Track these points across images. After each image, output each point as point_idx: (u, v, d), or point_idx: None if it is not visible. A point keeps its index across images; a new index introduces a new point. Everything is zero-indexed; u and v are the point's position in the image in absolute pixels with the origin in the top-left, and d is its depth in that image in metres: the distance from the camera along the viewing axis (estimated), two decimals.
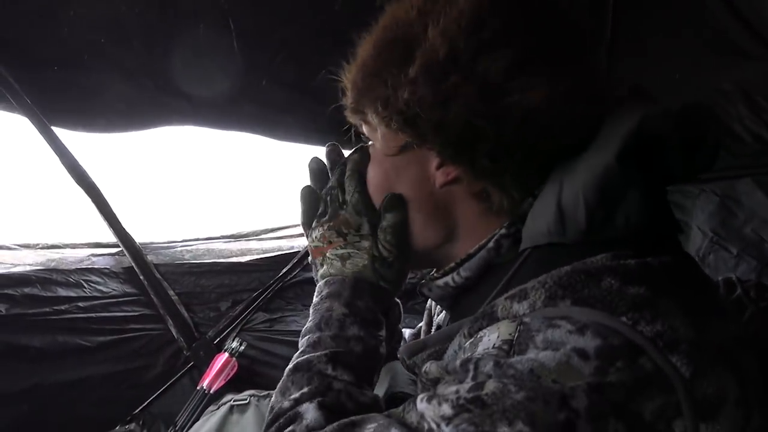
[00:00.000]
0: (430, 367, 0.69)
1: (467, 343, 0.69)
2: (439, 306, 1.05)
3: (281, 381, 0.83)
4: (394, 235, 0.86)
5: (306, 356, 0.84)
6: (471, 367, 0.61)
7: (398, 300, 1.09)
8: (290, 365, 0.84)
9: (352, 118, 0.88)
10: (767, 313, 0.98)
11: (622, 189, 0.67)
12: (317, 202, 0.96)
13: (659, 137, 0.66)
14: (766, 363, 0.65)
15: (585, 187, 0.67)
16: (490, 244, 0.79)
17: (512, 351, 0.60)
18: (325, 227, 0.92)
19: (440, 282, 0.86)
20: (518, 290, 0.68)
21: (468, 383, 0.59)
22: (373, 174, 0.90)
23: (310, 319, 0.90)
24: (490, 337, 0.64)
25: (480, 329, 0.69)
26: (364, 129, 0.88)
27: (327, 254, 0.92)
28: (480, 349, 0.64)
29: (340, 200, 0.92)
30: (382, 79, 0.77)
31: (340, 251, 0.91)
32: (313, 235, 0.94)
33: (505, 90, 0.70)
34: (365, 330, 0.87)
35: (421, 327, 1.15)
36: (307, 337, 0.87)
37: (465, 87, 0.71)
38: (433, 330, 1.06)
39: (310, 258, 0.98)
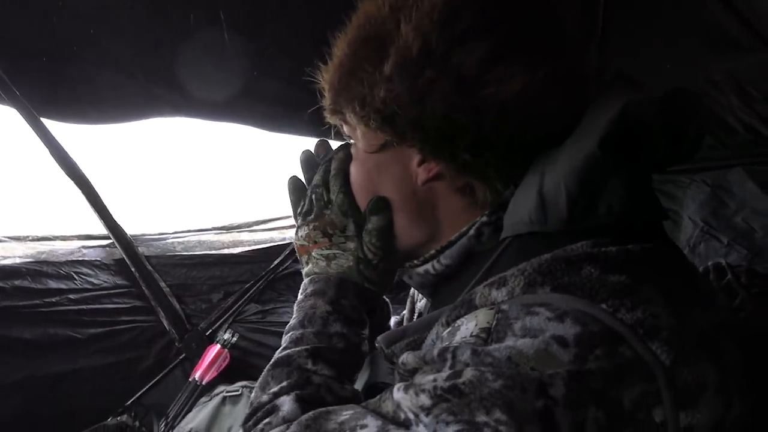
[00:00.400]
0: (408, 358, 0.68)
1: (445, 332, 0.68)
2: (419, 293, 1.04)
3: (261, 376, 0.83)
4: (379, 238, 0.86)
5: (287, 351, 0.84)
6: (449, 356, 0.60)
7: (386, 298, 1.09)
8: (271, 361, 0.84)
9: (331, 119, 0.87)
10: (758, 298, 0.99)
11: (605, 177, 0.66)
12: (304, 193, 0.96)
13: (643, 123, 0.66)
14: (753, 349, 0.65)
15: (566, 175, 0.66)
16: (471, 232, 0.78)
17: (490, 339, 0.60)
18: (311, 227, 0.92)
19: (420, 270, 0.85)
20: (497, 278, 0.68)
21: (445, 372, 0.59)
22: (355, 173, 0.89)
23: (294, 316, 0.90)
24: (468, 326, 0.64)
25: (458, 317, 0.68)
26: (345, 129, 0.87)
27: (312, 253, 0.92)
28: (458, 337, 0.63)
29: (325, 199, 0.91)
30: (358, 78, 0.77)
31: (326, 251, 0.90)
32: (299, 234, 0.94)
33: (482, 82, 0.69)
34: (348, 328, 0.87)
35: (404, 315, 1.15)
36: (290, 333, 0.87)
37: (440, 81, 0.70)
38: (415, 317, 1.06)
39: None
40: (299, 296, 0.92)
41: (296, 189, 0.98)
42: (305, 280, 0.94)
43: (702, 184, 2.09)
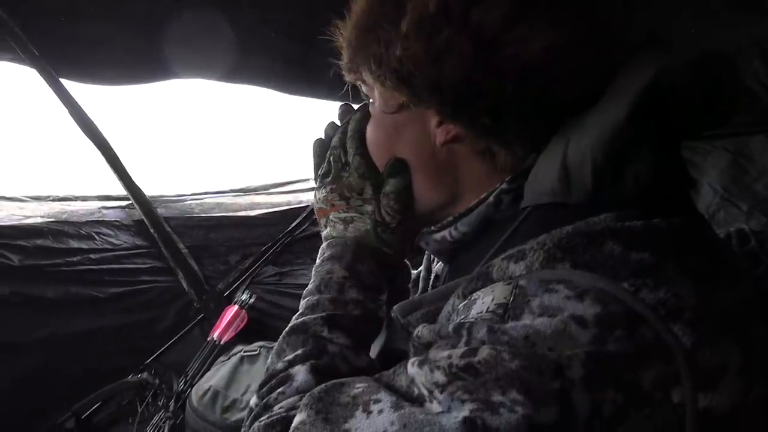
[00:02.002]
0: (422, 331, 0.65)
1: (461, 305, 0.66)
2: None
3: (277, 342, 0.82)
4: (397, 200, 0.84)
5: (303, 318, 0.82)
6: (464, 332, 0.59)
7: (407, 261, 1.07)
8: (288, 327, 0.83)
9: (348, 78, 0.83)
10: None
11: (632, 148, 0.63)
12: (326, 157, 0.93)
13: (675, 91, 0.62)
14: None
15: (593, 145, 0.63)
16: (490, 199, 0.75)
17: (506, 316, 0.58)
18: (328, 189, 0.90)
19: (437, 236, 0.82)
20: (516, 250, 0.65)
21: (461, 348, 0.57)
22: (372, 133, 0.86)
23: (311, 281, 0.88)
24: (484, 300, 0.62)
25: (474, 290, 0.66)
26: (363, 88, 0.83)
27: (330, 216, 0.91)
28: (473, 312, 0.62)
29: (343, 161, 0.89)
30: (374, 35, 0.73)
31: (343, 215, 0.89)
32: (317, 196, 0.92)
33: (503, 42, 0.65)
34: (365, 294, 0.85)
35: (420, 272, 1.13)
36: (306, 299, 0.86)
37: (459, 41, 0.66)
38: (431, 279, 1.04)
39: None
40: (317, 260, 0.91)
41: (319, 151, 0.95)
42: (323, 244, 0.92)
43: (723, 151, 2.06)
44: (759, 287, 0.68)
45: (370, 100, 0.85)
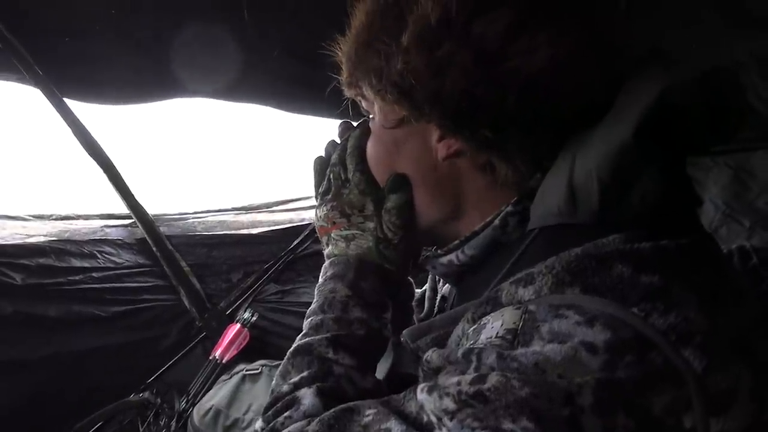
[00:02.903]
0: (432, 356, 0.64)
1: (470, 329, 0.65)
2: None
3: (282, 364, 0.81)
4: (398, 216, 0.83)
5: (307, 339, 0.81)
6: (473, 357, 0.58)
7: (411, 279, 1.06)
8: (292, 348, 0.82)
9: (348, 93, 0.83)
10: None
11: (639, 166, 0.62)
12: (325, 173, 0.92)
13: (682, 108, 0.62)
14: None
15: (599, 164, 0.63)
16: (496, 222, 0.74)
17: (516, 342, 0.57)
18: (329, 206, 0.88)
19: (444, 260, 0.82)
20: (524, 274, 0.64)
21: (470, 375, 0.56)
22: (372, 149, 0.86)
23: (314, 300, 0.87)
24: (494, 325, 0.61)
25: (484, 315, 0.65)
26: (363, 103, 0.83)
27: (332, 234, 0.89)
28: (483, 337, 0.61)
29: (343, 178, 0.88)
30: (374, 49, 0.72)
31: (344, 232, 0.88)
32: (319, 214, 0.91)
33: (505, 54, 0.65)
34: (369, 312, 0.84)
35: (425, 291, 1.12)
36: (310, 319, 0.84)
37: (460, 54, 0.66)
38: (438, 299, 1.03)
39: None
40: (320, 279, 0.89)
41: (320, 169, 0.94)
42: (326, 263, 0.91)
43: (724, 167, 2.06)
44: (762, 305, 0.67)
45: (370, 116, 0.85)
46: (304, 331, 0.84)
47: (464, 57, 0.66)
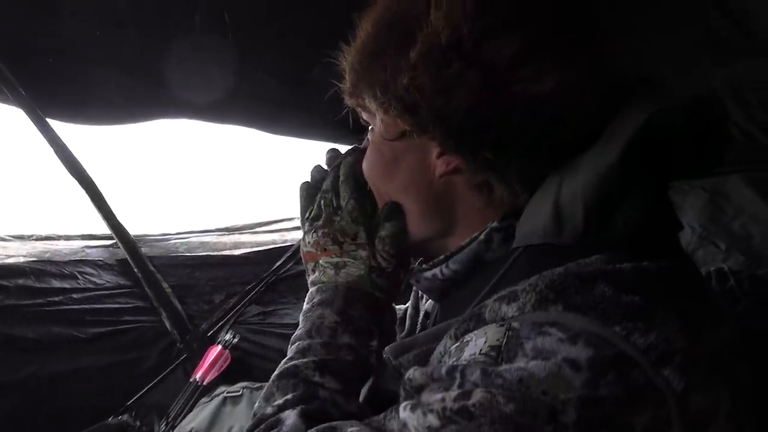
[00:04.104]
0: (414, 374, 0.64)
1: (453, 346, 0.66)
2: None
3: (266, 386, 0.81)
4: (393, 245, 0.84)
5: (293, 362, 0.81)
6: (457, 374, 0.58)
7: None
8: (277, 371, 0.82)
9: (349, 102, 0.83)
10: (760, 306, 0.97)
11: (624, 191, 0.64)
12: (314, 199, 0.93)
13: (667, 135, 0.64)
14: (761, 365, 0.64)
15: (585, 187, 0.64)
16: (481, 237, 0.76)
17: (500, 358, 0.58)
18: (320, 233, 0.88)
19: (428, 274, 0.83)
20: (508, 292, 0.66)
21: (454, 391, 0.57)
22: (370, 159, 0.86)
23: (300, 326, 0.87)
24: (477, 342, 0.61)
25: (467, 332, 0.66)
26: (363, 114, 0.84)
27: (320, 261, 0.89)
28: (466, 354, 0.61)
29: (335, 205, 0.89)
30: (380, 62, 0.73)
31: (335, 260, 0.87)
32: (307, 240, 0.91)
33: (512, 78, 0.66)
34: (357, 339, 0.84)
35: (407, 308, 1.12)
36: (297, 343, 0.84)
37: (468, 75, 0.66)
38: (420, 317, 1.04)
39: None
40: (305, 306, 0.89)
41: (306, 195, 0.95)
42: (312, 289, 0.91)
43: (700, 190, 2.10)
44: (740, 326, 0.69)
45: (370, 127, 0.85)
46: (289, 355, 0.83)
47: (472, 78, 0.67)
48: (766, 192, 1.98)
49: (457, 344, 0.66)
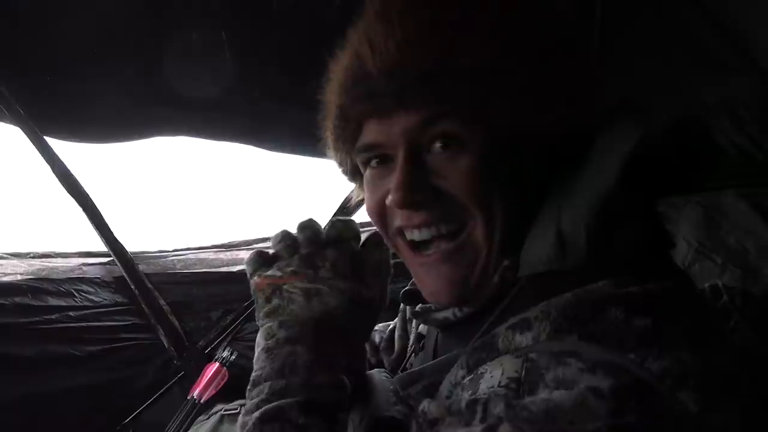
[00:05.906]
0: (430, 407, 0.62)
1: (467, 379, 0.65)
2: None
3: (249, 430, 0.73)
4: (377, 274, 0.84)
5: (276, 404, 0.74)
6: (479, 408, 0.57)
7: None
8: (256, 413, 0.74)
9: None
10: (752, 322, 0.98)
11: (624, 213, 0.65)
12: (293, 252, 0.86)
13: (658, 156, 0.65)
14: (759, 381, 0.64)
15: (585, 212, 0.65)
16: (495, 279, 0.75)
17: (521, 390, 0.57)
18: (294, 258, 0.83)
19: (439, 315, 0.81)
20: (519, 320, 0.66)
21: (477, 426, 0.55)
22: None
23: (264, 363, 0.80)
24: (494, 374, 0.61)
25: (480, 362, 0.66)
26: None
27: (285, 287, 0.82)
28: (483, 386, 0.61)
29: (320, 266, 0.83)
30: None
31: (307, 285, 0.81)
32: (266, 272, 0.85)
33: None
34: (334, 376, 0.78)
35: (395, 329, 1.09)
36: (269, 383, 0.76)
37: None
38: (411, 338, 1.02)
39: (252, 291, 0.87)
40: (266, 341, 0.82)
41: (286, 245, 0.87)
42: (270, 324, 0.83)
43: (696, 206, 2.10)
44: (740, 344, 0.69)
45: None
46: (263, 396, 0.76)
47: None
48: (761, 207, 1.99)
49: (470, 377, 0.65)
